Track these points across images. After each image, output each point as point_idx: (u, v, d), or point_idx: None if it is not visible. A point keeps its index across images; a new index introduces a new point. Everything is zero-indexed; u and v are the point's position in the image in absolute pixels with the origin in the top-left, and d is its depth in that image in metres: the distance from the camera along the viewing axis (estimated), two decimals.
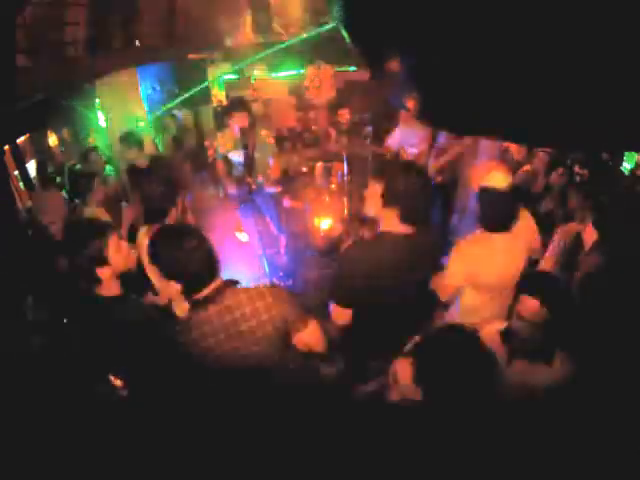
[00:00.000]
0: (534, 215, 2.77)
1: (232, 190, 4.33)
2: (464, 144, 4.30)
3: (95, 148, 4.64)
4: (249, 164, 4.21)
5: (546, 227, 2.92)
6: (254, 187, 4.30)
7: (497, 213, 2.33)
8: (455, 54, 0.76)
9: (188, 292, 1.79)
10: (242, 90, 7.72)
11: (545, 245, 2.82)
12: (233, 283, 1.84)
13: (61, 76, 4.15)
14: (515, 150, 4.55)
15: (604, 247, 2.34)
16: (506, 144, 4.42)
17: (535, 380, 1.78)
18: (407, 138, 4.33)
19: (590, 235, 2.51)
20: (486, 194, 2.33)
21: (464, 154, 4.47)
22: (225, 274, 1.86)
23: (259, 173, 4.32)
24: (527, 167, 4.33)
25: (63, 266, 2.43)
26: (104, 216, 3.51)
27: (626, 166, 4.86)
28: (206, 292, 1.77)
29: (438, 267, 2.33)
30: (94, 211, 3.56)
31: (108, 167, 5.10)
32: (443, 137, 4.33)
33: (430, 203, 2.25)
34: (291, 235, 4.86)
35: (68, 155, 5.83)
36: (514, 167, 4.42)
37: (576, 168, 4.26)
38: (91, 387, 1.94)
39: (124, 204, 3.95)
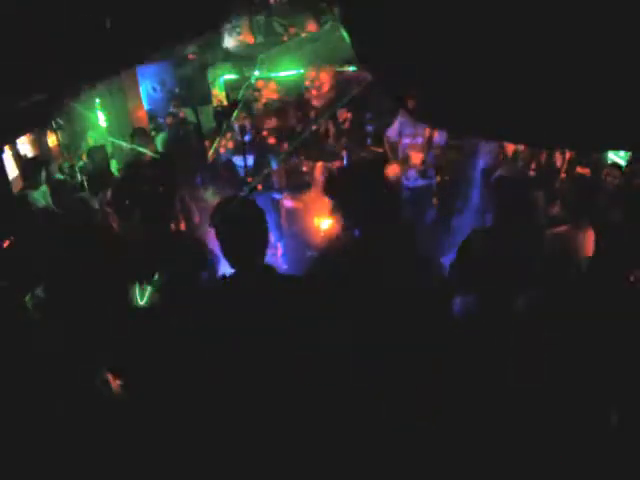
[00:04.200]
0: None
1: (232, 192, 4.32)
2: (464, 142, 4.28)
3: (102, 147, 4.66)
4: (254, 166, 4.21)
5: None
6: (259, 188, 4.30)
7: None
8: (454, 56, 0.75)
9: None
10: (242, 90, 7.71)
11: None
12: None
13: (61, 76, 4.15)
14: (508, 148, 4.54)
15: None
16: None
17: None
18: (406, 127, 4.31)
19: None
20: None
21: (464, 153, 4.46)
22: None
23: (260, 175, 4.32)
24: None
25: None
26: (112, 215, 3.51)
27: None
28: None
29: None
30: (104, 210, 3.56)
31: (113, 162, 5.11)
32: (443, 136, 4.32)
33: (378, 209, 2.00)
34: (291, 235, 4.85)
35: (66, 155, 5.83)
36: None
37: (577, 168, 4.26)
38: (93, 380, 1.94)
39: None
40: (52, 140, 5.69)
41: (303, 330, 1.75)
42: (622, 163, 4.52)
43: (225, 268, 1.92)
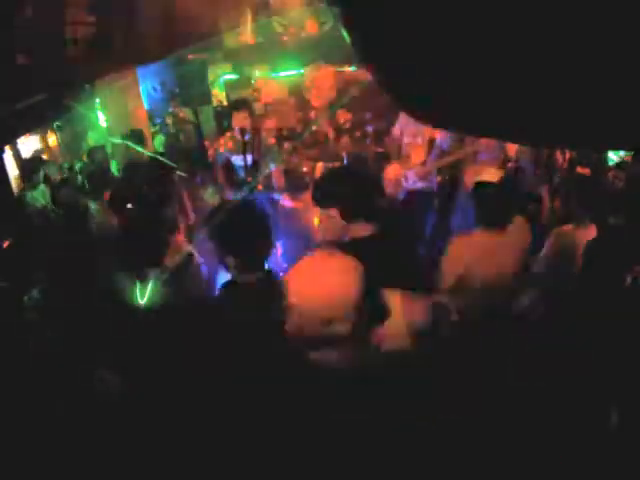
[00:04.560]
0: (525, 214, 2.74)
1: (231, 194, 4.32)
2: (466, 149, 4.26)
3: (102, 147, 4.67)
4: (253, 168, 4.19)
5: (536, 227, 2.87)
6: (259, 189, 4.29)
7: (493, 208, 2.32)
8: (455, 55, 0.75)
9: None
10: (242, 90, 7.72)
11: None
12: None
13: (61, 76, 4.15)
14: (509, 146, 4.53)
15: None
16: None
17: None
18: (408, 127, 4.28)
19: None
20: (481, 189, 2.34)
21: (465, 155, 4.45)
22: (222, 276, 1.86)
23: (260, 177, 4.30)
24: (510, 164, 4.30)
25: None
26: (111, 217, 3.50)
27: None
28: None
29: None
30: (103, 211, 3.55)
31: (114, 163, 5.11)
32: (445, 139, 4.30)
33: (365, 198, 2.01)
34: (291, 235, 4.85)
35: (65, 155, 5.84)
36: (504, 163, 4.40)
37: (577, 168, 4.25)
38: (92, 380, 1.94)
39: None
40: (52, 140, 5.70)
41: None
42: (617, 160, 4.52)
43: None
